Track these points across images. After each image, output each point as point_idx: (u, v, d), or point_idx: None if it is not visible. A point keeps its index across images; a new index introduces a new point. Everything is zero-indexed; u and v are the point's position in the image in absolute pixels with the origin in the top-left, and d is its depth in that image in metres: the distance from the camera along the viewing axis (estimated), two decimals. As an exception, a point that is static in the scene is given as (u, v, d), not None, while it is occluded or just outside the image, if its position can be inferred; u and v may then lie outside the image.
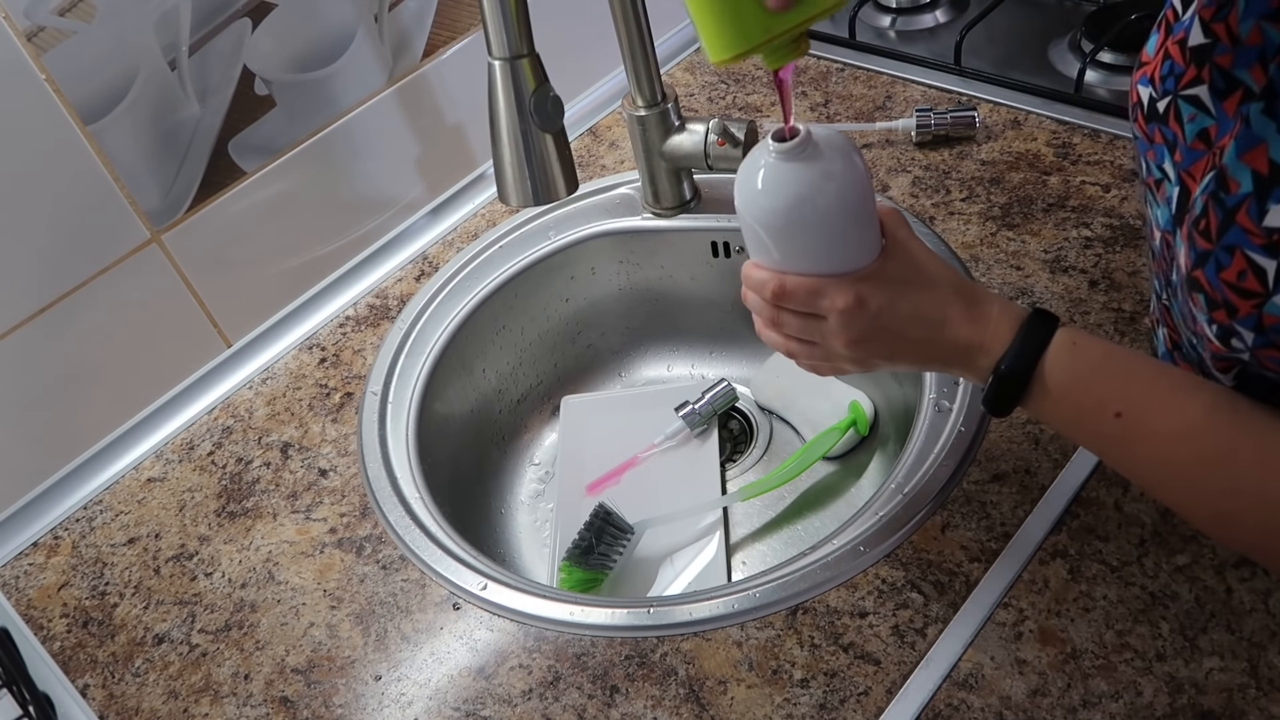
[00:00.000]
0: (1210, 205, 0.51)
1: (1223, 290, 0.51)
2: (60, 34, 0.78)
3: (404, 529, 0.81)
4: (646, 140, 0.96)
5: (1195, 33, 0.54)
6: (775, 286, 0.60)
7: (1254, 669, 0.62)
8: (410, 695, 0.72)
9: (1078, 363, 0.58)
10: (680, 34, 1.24)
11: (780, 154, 0.57)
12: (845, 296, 0.59)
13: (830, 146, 0.58)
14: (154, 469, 0.91)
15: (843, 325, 0.60)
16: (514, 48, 0.68)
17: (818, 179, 0.57)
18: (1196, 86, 0.54)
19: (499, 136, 0.71)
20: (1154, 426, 0.57)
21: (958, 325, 0.60)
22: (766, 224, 0.59)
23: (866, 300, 0.59)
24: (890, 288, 0.59)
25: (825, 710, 0.66)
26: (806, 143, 0.57)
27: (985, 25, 1.13)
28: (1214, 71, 0.53)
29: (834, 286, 0.59)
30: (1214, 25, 0.53)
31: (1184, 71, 0.55)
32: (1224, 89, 0.53)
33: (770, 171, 0.58)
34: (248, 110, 0.90)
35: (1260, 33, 0.50)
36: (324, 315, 1.01)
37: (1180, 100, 0.56)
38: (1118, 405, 0.56)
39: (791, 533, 0.93)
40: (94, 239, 0.85)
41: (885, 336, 0.60)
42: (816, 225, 0.58)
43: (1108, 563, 0.69)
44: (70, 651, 0.79)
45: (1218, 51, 0.53)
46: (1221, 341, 0.54)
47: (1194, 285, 0.54)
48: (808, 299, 0.60)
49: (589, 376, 1.10)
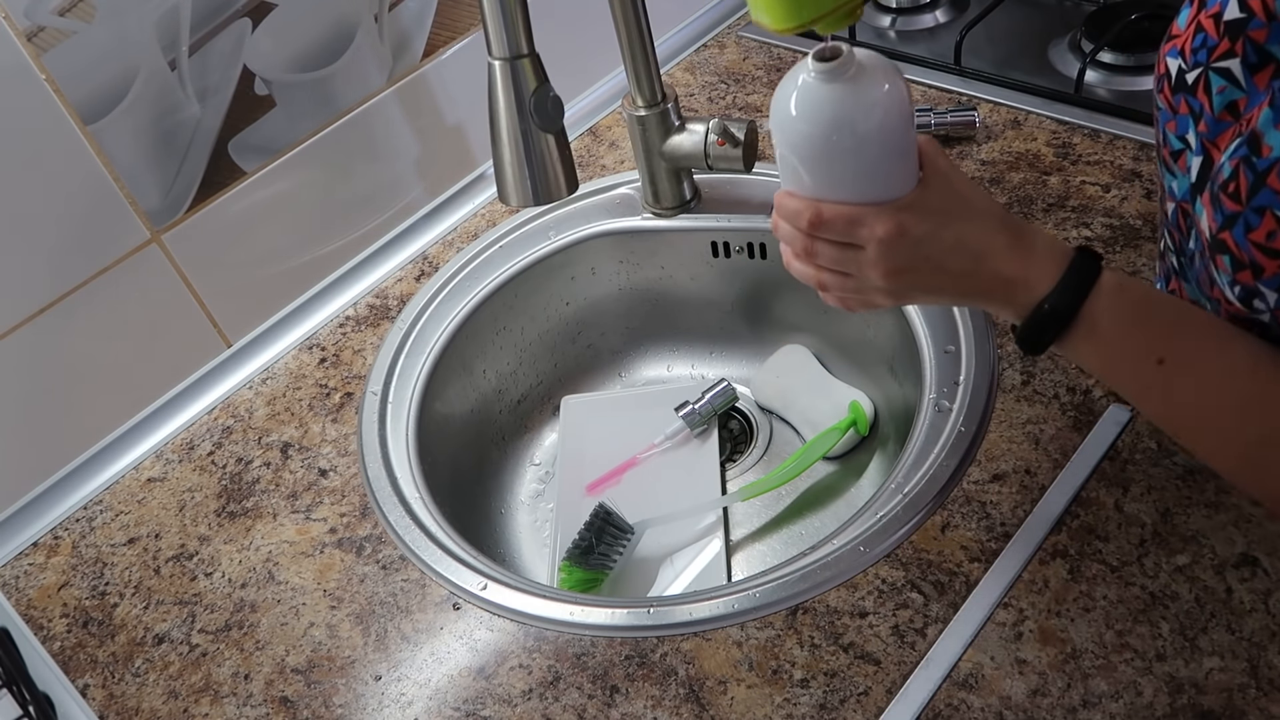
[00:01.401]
0: (1241, 169, 0.52)
1: (1250, 251, 0.52)
2: (60, 34, 0.78)
3: (404, 529, 0.81)
4: (646, 140, 0.96)
5: (1231, 7, 0.55)
6: (812, 215, 0.58)
7: (1254, 669, 0.62)
8: (410, 695, 0.72)
9: (1122, 306, 0.57)
10: (680, 34, 1.24)
11: (820, 74, 0.54)
12: (886, 224, 0.56)
13: (873, 68, 0.55)
14: (154, 469, 0.91)
15: (882, 254, 0.57)
16: (514, 48, 0.68)
17: (859, 102, 0.54)
18: (1229, 59, 0.55)
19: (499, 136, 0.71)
20: (1195, 373, 0.56)
21: (1001, 257, 0.58)
22: (803, 149, 0.56)
23: (908, 228, 0.57)
24: (932, 216, 0.57)
25: (825, 710, 0.66)
26: (849, 63, 0.54)
27: (985, 25, 1.13)
28: (1247, 45, 0.54)
29: (874, 214, 0.57)
30: (1250, 1, 0.54)
31: (1217, 44, 0.56)
32: (1256, 63, 0.54)
33: (809, 92, 0.55)
34: (248, 110, 0.90)
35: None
36: (324, 315, 1.01)
37: (1211, 72, 0.57)
38: (1161, 351, 0.56)
39: (791, 533, 0.93)
40: (94, 239, 0.85)
41: (926, 267, 0.58)
42: (856, 151, 0.55)
43: (1108, 563, 0.69)
44: (70, 651, 0.79)
45: (1253, 26, 0.54)
46: (1243, 303, 0.55)
47: (1219, 248, 0.54)
48: (846, 228, 0.58)
49: (589, 376, 1.10)
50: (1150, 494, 0.71)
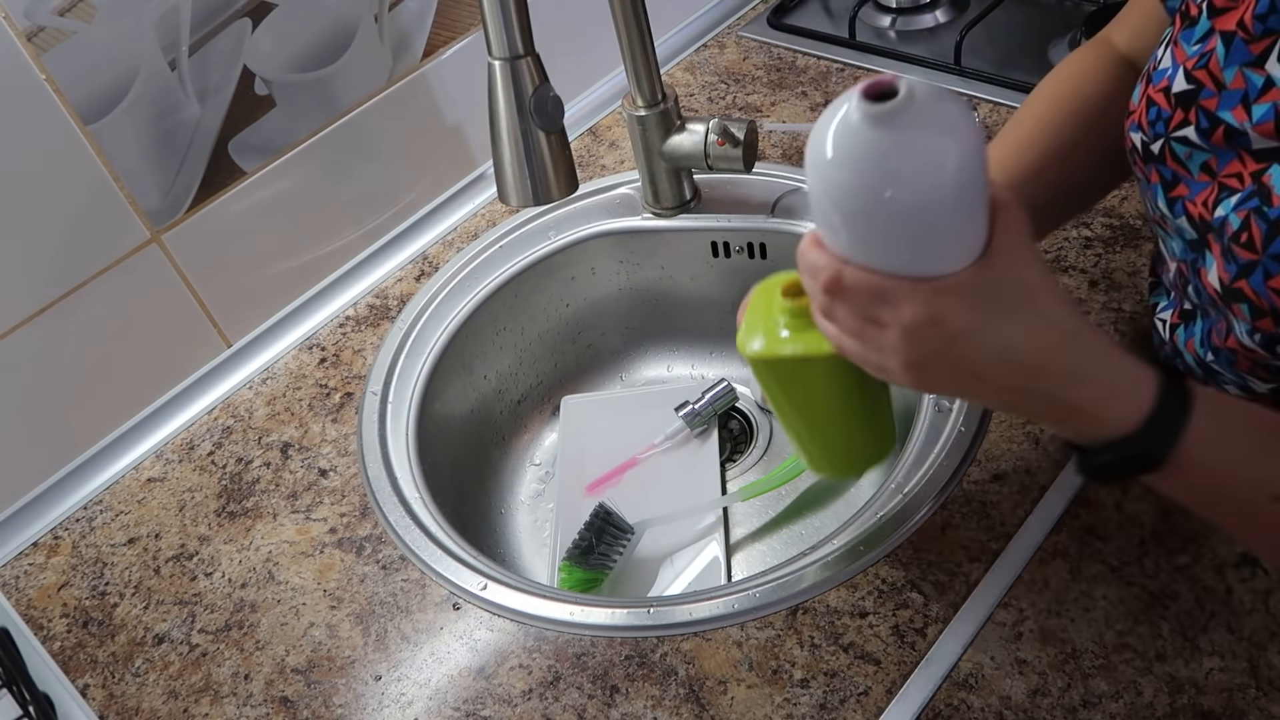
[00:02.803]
0: (1252, 219, 0.53)
1: (1270, 297, 0.51)
2: (60, 34, 0.78)
3: (404, 529, 0.81)
4: (646, 140, 0.96)
5: (1179, 80, 0.58)
6: (830, 277, 0.48)
7: (1254, 669, 0.62)
8: (410, 695, 0.72)
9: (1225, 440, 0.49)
10: (680, 34, 1.24)
11: (869, 117, 0.44)
12: (916, 309, 0.46)
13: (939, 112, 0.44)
14: (154, 469, 0.91)
15: (905, 343, 0.48)
16: (514, 48, 0.68)
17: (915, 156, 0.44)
18: (1185, 128, 0.57)
19: (499, 136, 0.71)
20: None
21: (1061, 382, 0.48)
22: (838, 200, 0.46)
23: (944, 319, 0.46)
24: (979, 310, 0.47)
25: (825, 710, 0.66)
26: (908, 105, 0.44)
27: (985, 25, 1.13)
28: (1200, 113, 0.57)
29: (906, 292, 0.47)
30: (1196, 73, 0.57)
31: (1171, 115, 0.58)
32: (1208, 128, 0.56)
33: (852, 136, 0.44)
34: (248, 110, 0.90)
35: (1244, 78, 0.54)
36: (324, 315, 1.01)
37: (1172, 141, 0.59)
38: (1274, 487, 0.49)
39: (791, 533, 0.93)
40: (94, 239, 0.85)
41: (957, 371, 0.49)
42: (903, 215, 0.45)
43: (1108, 563, 0.69)
44: (70, 651, 0.79)
45: (1203, 95, 0.56)
46: (1265, 349, 0.55)
47: (1235, 297, 0.54)
48: (869, 301, 0.48)
49: (589, 376, 1.10)
50: (1150, 494, 0.71)
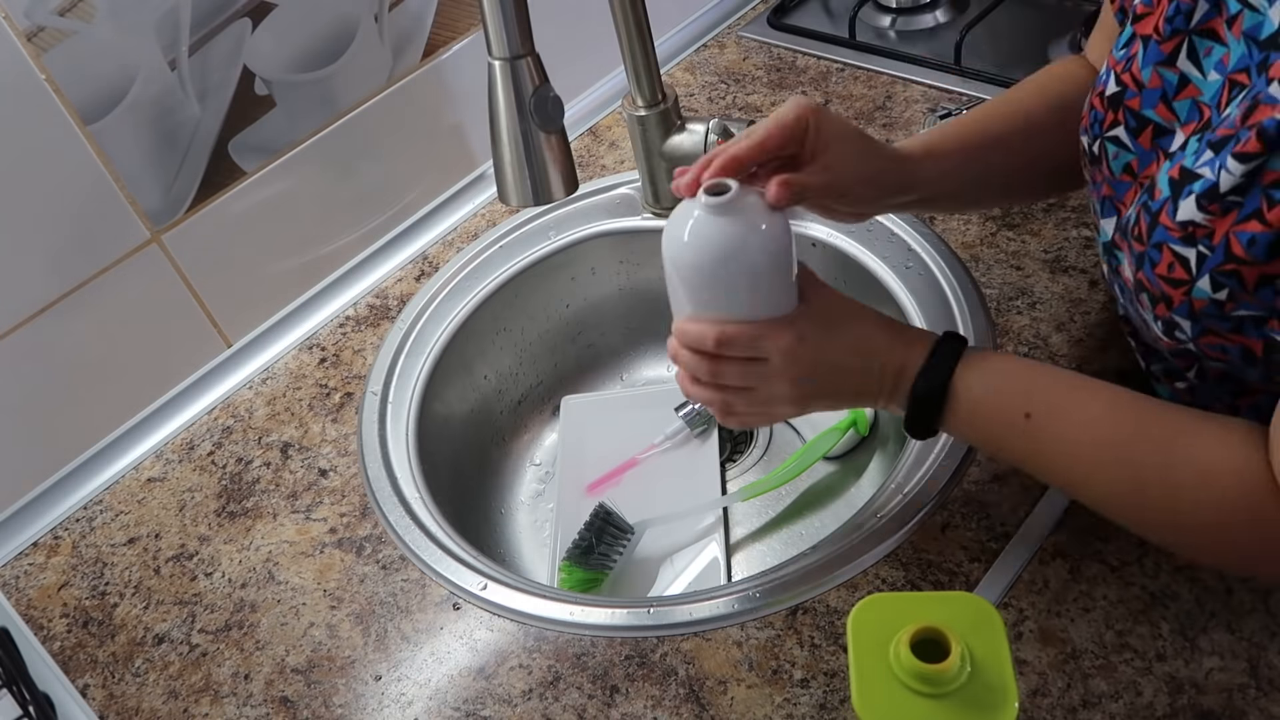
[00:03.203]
0: (1140, 213, 0.59)
1: (1159, 284, 0.57)
2: (60, 34, 0.78)
3: (404, 529, 0.81)
4: (646, 140, 0.96)
5: (1110, 83, 0.63)
6: (717, 335, 0.62)
7: (1254, 669, 0.62)
8: (410, 695, 0.72)
9: (987, 374, 0.62)
10: (680, 34, 1.24)
11: (711, 208, 0.60)
12: (786, 335, 0.62)
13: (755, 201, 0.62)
14: (154, 469, 0.91)
15: (787, 363, 0.63)
16: (514, 48, 0.68)
17: (746, 230, 0.60)
18: (1116, 128, 0.63)
19: (499, 136, 0.71)
20: (1061, 423, 0.61)
21: (887, 352, 0.64)
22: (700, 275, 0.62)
23: (806, 335, 0.63)
24: (824, 324, 0.64)
25: (825, 710, 0.66)
26: (738, 197, 0.60)
27: (985, 25, 1.13)
28: (1126, 113, 0.62)
29: (774, 328, 0.62)
30: (1123, 76, 0.62)
31: (1104, 117, 0.63)
32: (1136, 127, 0.61)
33: (702, 224, 0.61)
34: (248, 110, 0.90)
35: (1159, 77, 0.59)
36: (324, 315, 1.01)
37: (1105, 141, 0.64)
38: (1026, 408, 0.61)
39: (791, 533, 0.93)
40: (94, 239, 0.85)
41: (826, 370, 0.64)
42: (749, 273, 0.61)
43: (1108, 563, 0.69)
44: (70, 651, 0.79)
45: (1128, 96, 0.61)
46: (1167, 335, 0.59)
47: (1139, 287, 0.60)
48: (750, 343, 0.63)
49: (589, 376, 1.10)
50: (1150, 494, 0.71)
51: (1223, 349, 0.57)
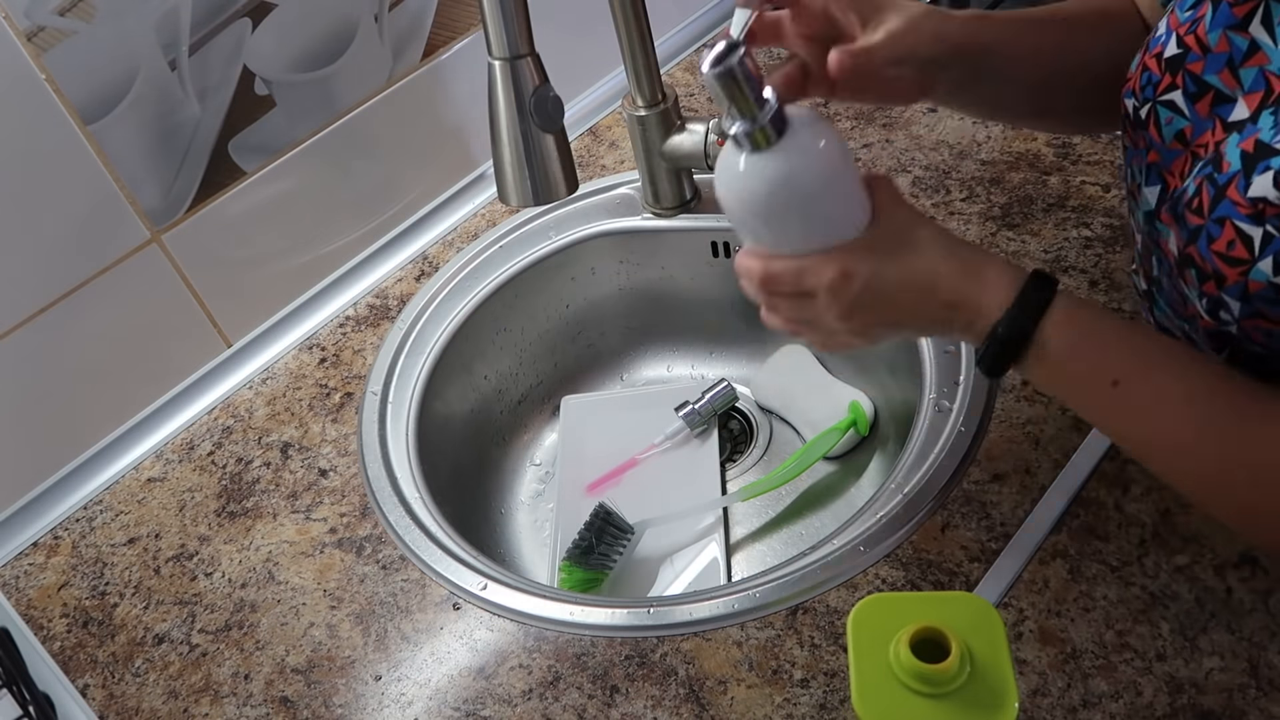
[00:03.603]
0: (1204, 185, 0.55)
1: (1213, 261, 0.55)
2: (60, 34, 0.78)
3: (404, 529, 0.81)
4: (646, 140, 0.96)
5: (1170, 45, 0.59)
6: (761, 273, 0.60)
7: (1254, 669, 0.62)
8: (410, 695, 0.72)
9: (1076, 329, 0.58)
10: (680, 34, 1.24)
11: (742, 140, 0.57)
12: (831, 271, 0.59)
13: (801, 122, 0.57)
14: (154, 469, 0.91)
15: (832, 299, 0.59)
16: (514, 48, 0.68)
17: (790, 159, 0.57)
18: (1172, 92, 0.59)
19: (499, 136, 0.71)
20: (1150, 395, 0.57)
21: (950, 287, 0.59)
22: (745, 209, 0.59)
23: (851, 272, 0.59)
24: (875, 255, 0.59)
25: (825, 710, 0.66)
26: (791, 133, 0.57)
27: (985, 25, 1.13)
28: (1186, 77, 0.58)
29: (819, 263, 0.59)
30: (1186, 38, 0.58)
31: (1160, 79, 0.60)
32: (1196, 92, 0.58)
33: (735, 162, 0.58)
34: (248, 110, 0.90)
35: (1227, 41, 0.56)
36: (324, 315, 1.01)
37: (1158, 105, 0.60)
38: (1114, 373, 0.57)
39: (791, 533, 0.93)
40: (94, 239, 0.85)
41: (877, 304, 0.60)
42: (794, 205, 0.58)
43: (1108, 563, 0.69)
44: (70, 651, 0.79)
45: (1190, 59, 0.58)
46: (1210, 315, 0.57)
47: (1186, 262, 0.57)
48: (795, 280, 0.60)
49: (589, 376, 1.10)
50: (1150, 494, 0.71)
51: (1269, 334, 0.55)
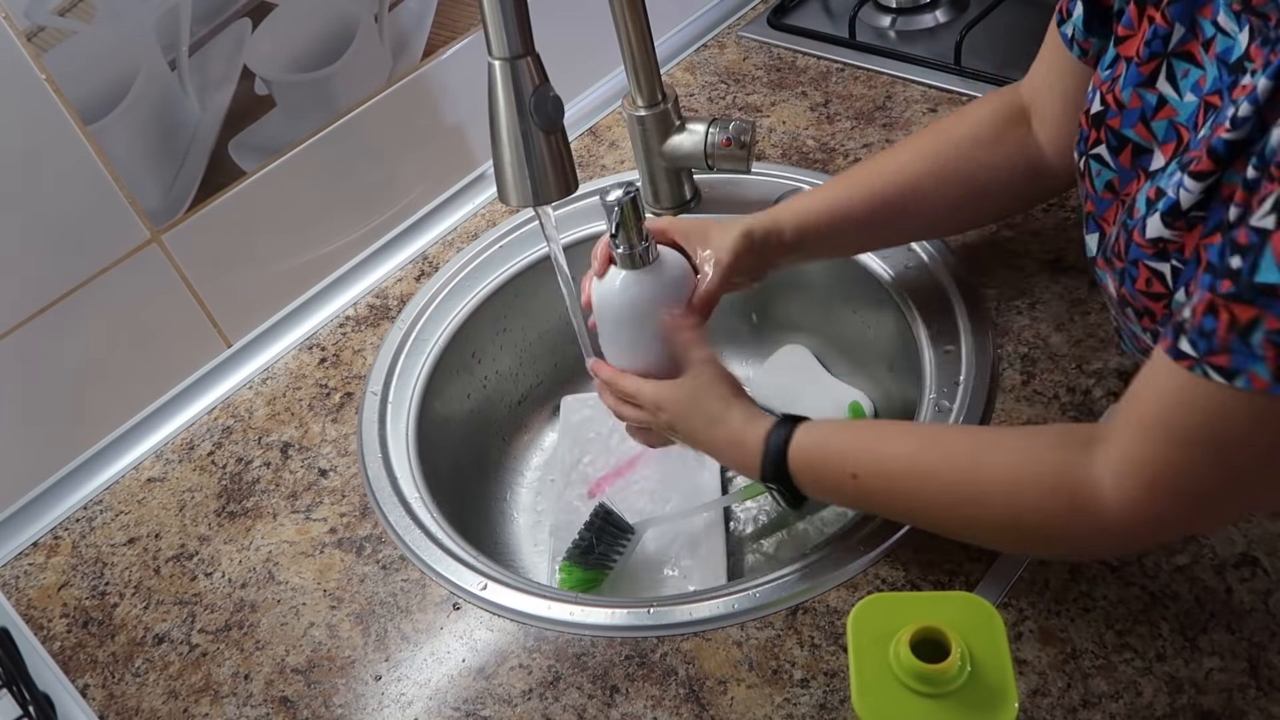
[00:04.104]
0: (1119, 231, 0.62)
1: (1141, 299, 0.60)
2: (60, 34, 0.78)
3: (404, 529, 0.81)
4: (646, 140, 0.96)
5: (1095, 103, 0.65)
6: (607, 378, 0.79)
7: (1254, 669, 0.62)
8: (410, 695, 0.72)
9: (812, 442, 0.69)
10: (680, 34, 1.24)
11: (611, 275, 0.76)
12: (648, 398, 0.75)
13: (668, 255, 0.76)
14: (154, 469, 0.91)
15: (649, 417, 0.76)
16: (514, 48, 0.68)
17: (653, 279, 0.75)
18: (1098, 147, 0.65)
19: (499, 136, 0.71)
20: (879, 477, 0.66)
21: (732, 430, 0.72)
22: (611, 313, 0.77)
23: (663, 406, 0.75)
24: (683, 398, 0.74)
25: (825, 710, 0.66)
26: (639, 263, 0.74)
27: (985, 25, 1.13)
28: (1108, 132, 0.63)
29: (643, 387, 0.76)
30: (1106, 96, 0.64)
31: (1089, 135, 0.65)
32: (1117, 146, 0.63)
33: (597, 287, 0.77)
34: (248, 110, 0.90)
35: (1139, 97, 0.61)
36: (324, 315, 1.01)
37: (1090, 159, 0.65)
38: (851, 469, 0.66)
39: (791, 533, 0.93)
40: (94, 239, 0.85)
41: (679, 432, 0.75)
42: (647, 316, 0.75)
43: (1108, 563, 0.69)
44: (70, 651, 0.79)
45: (1109, 116, 0.63)
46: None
47: (1124, 302, 0.62)
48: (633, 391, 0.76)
49: (589, 376, 1.10)
50: (1150, 494, 0.71)
51: None
